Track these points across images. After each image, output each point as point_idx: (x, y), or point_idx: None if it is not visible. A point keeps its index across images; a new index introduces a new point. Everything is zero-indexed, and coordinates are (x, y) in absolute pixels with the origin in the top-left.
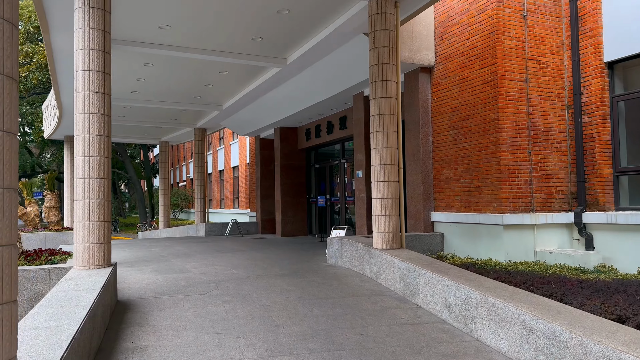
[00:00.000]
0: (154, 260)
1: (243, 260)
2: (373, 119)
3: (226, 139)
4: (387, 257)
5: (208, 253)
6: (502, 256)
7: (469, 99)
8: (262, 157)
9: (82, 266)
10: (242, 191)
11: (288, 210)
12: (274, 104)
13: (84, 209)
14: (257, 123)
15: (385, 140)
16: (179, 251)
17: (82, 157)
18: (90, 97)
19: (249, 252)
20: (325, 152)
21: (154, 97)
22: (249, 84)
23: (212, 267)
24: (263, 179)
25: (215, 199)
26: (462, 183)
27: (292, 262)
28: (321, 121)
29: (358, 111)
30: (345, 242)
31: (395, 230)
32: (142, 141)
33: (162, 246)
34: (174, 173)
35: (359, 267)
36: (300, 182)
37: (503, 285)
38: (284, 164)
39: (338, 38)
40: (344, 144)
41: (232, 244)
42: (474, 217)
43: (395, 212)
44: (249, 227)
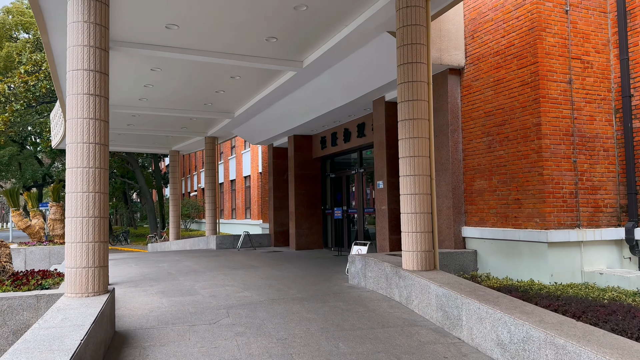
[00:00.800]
0: (160, 279)
1: (256, 278)
2: (402, 125)
3: (238, 148)
4: (420, 280)
5: (219, 270)
6: (546, 277)
7: (505, 103)
8: (275, 167)
9: (74, 294)
10: (254, 201)
11: (302, 222)
12: (288, 111)
13: (77, 227)
14: (270, 131)
15: (415, 148)
16: (187, 267)
17: (74, 169)
18: (85, 100)
19: (262, 269)
20: (342, 161)
21: (163, 105)
22: (262, 89)
23: (222, 288)
24: (276, 190)
25: (227, 210)
26: (498, 195)
27: (310, 282)
28: (337, 128)
29: (379, 117)
30: (370, 261)
31: (428, 250)
32: (152, 150)
33: (171, 261)
34: (185, 183)
35: (386, 289)
36: (315, 192)
37: (569, 320)
38: (298, 174)
39: (359, 37)
40: (362, 153)
41: (244, 258)
42: (513, 233)
43: (427, 228)
44: (261, 240)
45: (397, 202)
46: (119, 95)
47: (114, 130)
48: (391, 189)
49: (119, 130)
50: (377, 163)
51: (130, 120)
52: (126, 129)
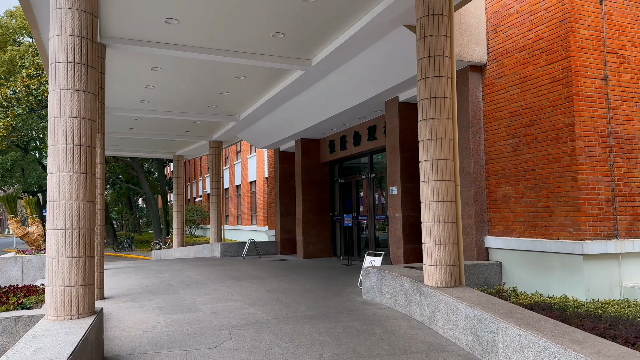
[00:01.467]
0: (159, 292)
1: (262, 292)
2: (423, 125)
3: (243, 153)
4: (446, 299)
5: (222, 281)
6: (581, 293)
7: (533, 101)
8: (281, 172)
9: (55, 316)
10: (260, 207)
11: (310, 229)
12: (295, 113)
13: (59, 241)
14: (277, 135)
15: (438, 150)
16: (189, 278)
17: (56, 175)
18: (69, 97)
19: (268, 281)
20: (351, 166)
21: (165, 107)
22: (268, 91)
23: (225, 304)
24: (282, 195)
25: (232, 215)
26: (525, 202)
27: (321, 296)
28: (347, 132)
29: (392, 119)
30: (386, 275)
31: (453, 264)
32: (156, 155)
33: (173, 271)
34: (191, 188)
35: (405, 307)
36: (323, 198)
37: (632, 352)
38: (306, 179)
39: (373, 32)
40: (372, 157)
41: (249, 267)
42: (543, 244)
43: (452, 239)
44: (267, 247)
45: (412, 209)
46: (119, 97)
47: (116, 134)
48: (405, 195)
49: (121, 135)
50: (390, 167)
51: (132, 124)
52: (128, 133)
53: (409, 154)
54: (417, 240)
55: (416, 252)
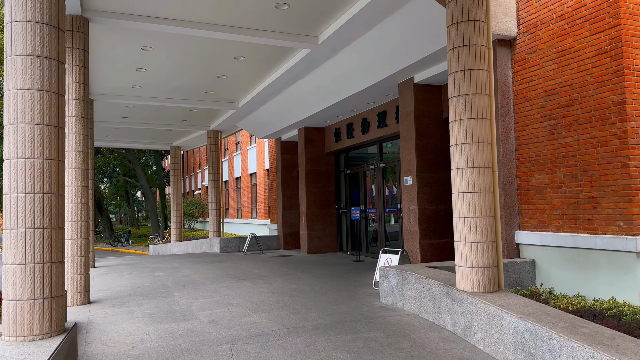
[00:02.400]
0: (152, 295)
1: (266, 294)
2: (455, 103)
3: (243, 144)
4: (487, 308)
5: (222, 281)
6: (634, 296)
7: (573, 78)
8: (283, 163)
9: (14, 337)
10: (261, 200)
11: (315, 223)
12: (299, 99)
13: (17, 244)
14: (278, 123)
15: (474, 132)
16: (186, 278)
17: (13, 161)
18: (28, 64)
19: (272, 280)
20: (359, 156)
21: (159, 94)
22: (269, 73)
23: (225, 309)
24: (285, 187)
25: (232, 209)
26: (564, 192)
27: (333, 300)
28: (354, 119)
29: (406, 103)
30: (409, 276)
31: (491, 265)
32: (152, 146)
33: (169, 269)
34: (189, 181)
35: (433, 314)
36: (328, 190)
37: None
38: (310, 170)
39: (388, 3)
40: (382, 145)
41: (251, 264)
42: (586, 240)
43: (490, 237)
44: (269, 242)
45: (430, 201)
46: (108, 82)
47: (109, 123)
48: (422, 186)
49: (114, 124)
50: (404, 156)
51: (124, 112)
52: (122, 123)
53: (426, 141)
54: (435, 235)
55: (433, 248)
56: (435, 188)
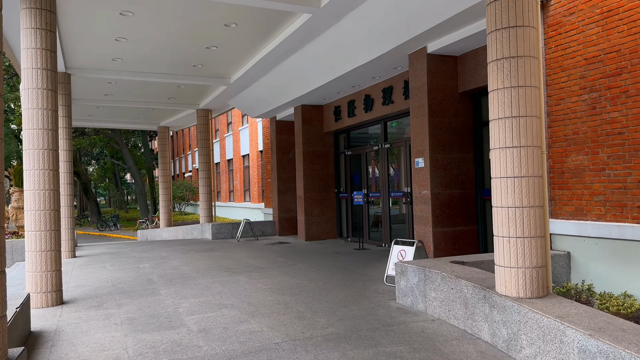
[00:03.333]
0: (135, 292)
1: (265, 292)
2: (496, 67)
3: (235, 124)
4: (541, 319)
5: (214, 274)
6: None
7: (622, 42)
8: (279, 144)
9: None
10: (254, 183)
11: (313, 208)
12: (296, 74)
13: None
14: (273, 101)
15: (520, 103)
16: (175, 270)
17: None
18: None
19: (270, 273)
20: (360, 136)
21: (142, 67)
22: (264, 44)
23: (218, 313)
24: (280, 170)
25: (224, 191)
26: (607, 176)
27: (341, 299)
28: (356, 95)
29: (418, 76)
30: (434, 275)
31: (540, 265)
32: (138, 127)
33: (156, 259)
34: (180, 163)
35: (465, 321)
36: (327, 173)
37: None
38: (307, 151)
39: None
40: (386, 125)
41: (246, 253)
42: (636, 231)
43: (538, 231)
44: (264, 228)
45: (444, 185)
46: (86, 54)
47: (90, 101)
48: (435, 169)
49: (97, 102)
50: (415, 135)
51: (106, 88)
52: (104, 100)
53: (439, 118)
54: (449, 223)
55: (447, 237)
56: (449, 171)
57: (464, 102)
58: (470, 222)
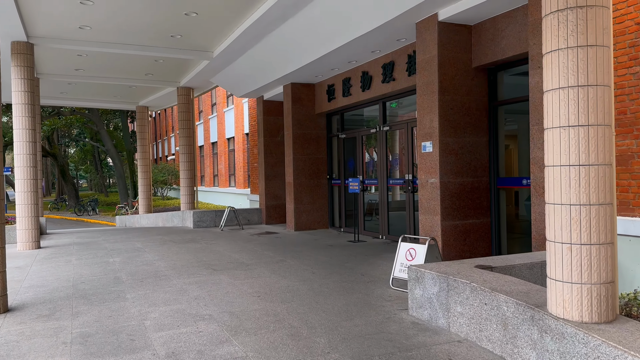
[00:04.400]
0: (97, 297)
1: (251, 297)
2: (555, 21)
3: (219, 105)
4: (624, 357)
5: (192, 273)
6: None
7: None
8: (266, 126)
9: None
10: (240, 167)
11: (303, 195)
12: (286, 47)
13: None
14: (260, 78)
15: (589, 67)
16: (148, 266)
17: None
18: None
19: (257, 272)
20: (355, 118)
21: (114, 37)
22: (251, 10)
23: (193, 328)
24: (268, 154)
25: (208, 176)
26: None
27: (342, 308)
28: (352, 72)
29: (426, 47)
30: (461, 286)
31: (609, 280)
32: (115, 106)
33: (129, 251)
34: (162, 145)
35: (504, 346)
36: (318, 157)
37: None
38: (297, 134)
39: None
40: (385, 105)
41: (230, 245)
42: None
43: (608, 236)
44: (250, 216)
45: (455, 172)
46: (49, 20)
47: (61, 77)
48: (445, 154)
49: (68, 78)
50: (422, 116)
51: (76, 62)
52: (76, 76)
53: (451, 96)
54: (460, 215)
55: (458, 231)
56: (461, 156)
57: (478, 78)
58: (483, 215)
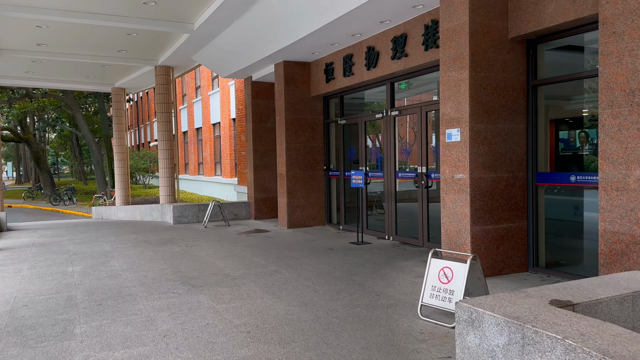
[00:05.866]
0: (34, 332)
1: (238, 336)
2: None
3: (204, 89)
4: None
5: (164, 291)
6: None
7: None
8: (255, 110)
9: None
10: (226, 155)
11: (297, 188)
12: (278, 18)
13: None
14: (248, 56)
15: None
16: (112, 279)
17: None
18: None
19: (246, 289)
20: (357, 101)
21: (76, 4)
22: None
23: None
24: (257, 142)
25: (193, 163)
26: None
27: (362, 352)
28: (355, 48)
29: (455, 13)
30: (548, 343)
31: None
32: (88, 87)
33: (94, 257)
34: (144, 131)
35: None
36: (314, 146)
37: None
38: (290, 119)
39: None
40: (394, 86)
41: (213, 249)
42: None
43: None
44: (237, 210)
45: (488, 166)
46: None
47: (22, 54)
48: (477, 143)
49: (30, 54)
50: (446, 97)
51: (38, 35)
52: (40, 52)
53: (484, 73)
54: (493, 218)
55: (490, 237)
56: (495, 147)
57: (515, 51)
58: (518, 217)
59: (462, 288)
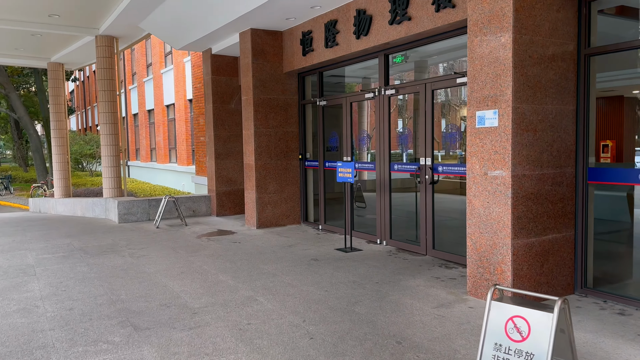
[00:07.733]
0: None
1: None
2: None
3: (155, 66)
4: None
5: (95, 340)
6: None
7: None
8: (216, 88)
9: None
10: (182, 141)
11: (268, 181)
12: None
13: None
14: (207, 22)
15: None
16: (22, 316)
17: None
18: None
19: (211, 335)
20: (339, 80)
21: None
22: None
23: None
24: (219, 126)
25: (144, 149)
26: None
27: None
28: (340, 12)
29: None
30: None
31: None
32: (19, 61)
33: (8, 277)
34: (92, 113)
35: None
36: (288, 131)
37: None
38: (260, 100)
39: None
40: (388, 59)
41: (166, 261)
42: None
43: None
44: (196, 205)
45: (533, 160)
46: None
47: None
48: (521, 130)
49: None
50: (476, 69)
51: None
52: None
53: (530, 36)
54: (538, 228)
55: (533, 252)
56: (541, 134)
57: (566, 10)
58: (565, 226)
59: (549, 353)
